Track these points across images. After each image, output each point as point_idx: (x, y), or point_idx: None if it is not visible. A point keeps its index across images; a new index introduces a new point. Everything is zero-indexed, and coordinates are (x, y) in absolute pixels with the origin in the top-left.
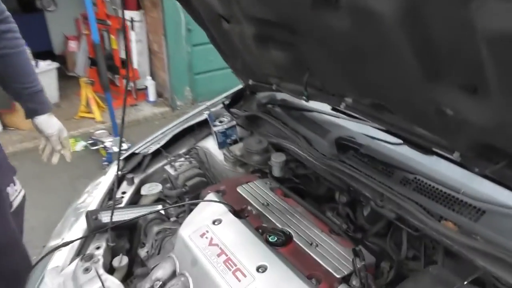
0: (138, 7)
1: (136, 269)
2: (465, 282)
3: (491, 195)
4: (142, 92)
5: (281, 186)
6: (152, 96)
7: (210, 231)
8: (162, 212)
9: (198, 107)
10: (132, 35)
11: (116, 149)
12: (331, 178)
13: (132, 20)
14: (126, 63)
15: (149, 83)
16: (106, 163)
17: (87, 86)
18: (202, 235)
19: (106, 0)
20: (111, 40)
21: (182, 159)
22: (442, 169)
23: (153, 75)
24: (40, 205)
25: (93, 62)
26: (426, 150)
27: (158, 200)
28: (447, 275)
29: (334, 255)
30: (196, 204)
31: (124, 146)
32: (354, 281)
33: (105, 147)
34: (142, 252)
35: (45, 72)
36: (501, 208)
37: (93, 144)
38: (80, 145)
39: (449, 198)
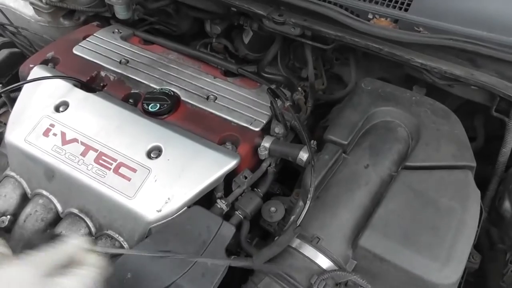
0: None
1: None
2: (414, 89)
3: None
4: None
5: (136, 31)
6: None
7: (58, 123)
8: None
9: None
10: None
11: None
12: (200, 3)
13: None
14: None
15: None
16: None
17: None
18: (46, 133)
19: None
20: None
21: None
22: None
23: None
24: None
25: None
26: None
27: None
28: (382, 85)
29: (241, 103)
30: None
31: None
32: (277, 128)
33: None
34: None
35: None
36: None
37: None
38: None
39: None
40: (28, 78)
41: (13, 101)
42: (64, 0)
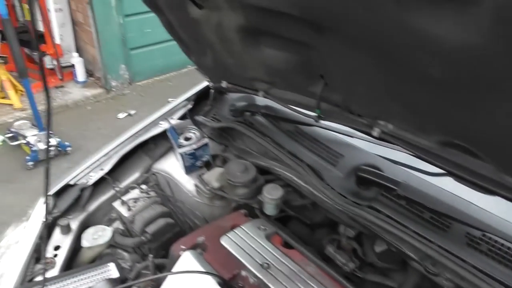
0: None
1: None
2: None
3: None
4: (68, 70)
5: (279, 230)
6: (80, 75)
7: None
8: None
9: (149, 115)
10: (50, 3)
11: (42, 145)
12: (351, 222)
13: None
14: (36, 34)
15: (76, 60)
16: (31, 162)
17: None
18: None
19: None
20: (24, 9)
21: (137, 191)
22: None
23: (80, 50)
24: None
25: (4, 36)
26: (489, 191)
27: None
28: None
29: None
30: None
31: (53, 141)
32: None
33: (28, 143)
34: None
35: None
36: None
37: (12, 139)
38: None
39: None
40: (178, 262)
41: None
42: (225, 188)
